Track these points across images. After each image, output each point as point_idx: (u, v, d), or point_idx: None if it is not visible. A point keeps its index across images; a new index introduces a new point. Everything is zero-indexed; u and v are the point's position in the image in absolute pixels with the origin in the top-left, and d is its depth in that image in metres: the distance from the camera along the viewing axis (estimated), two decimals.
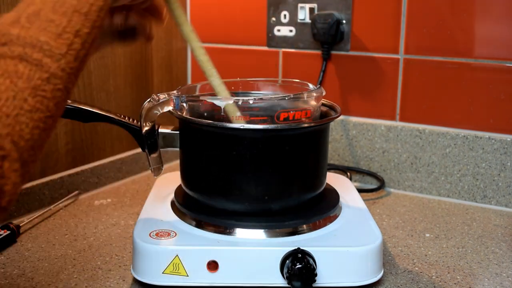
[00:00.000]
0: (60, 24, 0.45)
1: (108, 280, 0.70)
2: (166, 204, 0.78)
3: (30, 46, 0.42)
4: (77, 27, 0.45)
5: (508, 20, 0.93)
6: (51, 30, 0.44)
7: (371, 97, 1.07)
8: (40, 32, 0.43)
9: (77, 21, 0.45)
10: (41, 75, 0.42)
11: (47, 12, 0.45)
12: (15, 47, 0.42)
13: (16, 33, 0.43)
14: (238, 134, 0.69)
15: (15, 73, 0.41)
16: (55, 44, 0.44)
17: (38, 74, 0.42)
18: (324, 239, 0.69)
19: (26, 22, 0.44)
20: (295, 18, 1.11)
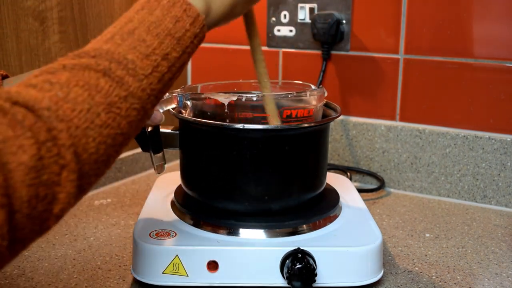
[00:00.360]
0: (151, 45, 0.46)
1: (108, 280, 0.70)
2: (166, 204, 0.78)
3: (116, 62, 0.44)
4: (167, 50, 0.46)
5: (508, 20, 0.93)
6: (141, 50, 0.45)
7: (371, 97, 1.07)
8: (129, 50, 0.45)
9: (168, 45, 0.47)
10: (119, 92, 0.43)
11: (142, 31, 0.46)
12: (102, 61, 0.43)
13: (107, 48, 0.44)
14: (238, 134, 0.69)
15: (95, 87, 0.42)
16: (141, 64, 0.45)
17: (117, 91, 0.43)
18: (324, 239, 0.69)
19: (119, 39, 0.45)
20: (295, 18, 1.11)
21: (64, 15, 0.94)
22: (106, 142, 0.42)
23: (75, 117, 0.40)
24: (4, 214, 0.35)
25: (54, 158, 0.38)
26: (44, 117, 0.38)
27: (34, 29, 0.89)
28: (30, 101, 0.39)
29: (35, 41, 0.89)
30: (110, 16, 1.04)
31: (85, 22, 0.98)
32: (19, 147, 0.36)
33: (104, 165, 0.43)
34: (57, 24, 0.93)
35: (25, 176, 0.36)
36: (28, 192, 0.36)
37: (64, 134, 0.39)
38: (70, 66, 0.43)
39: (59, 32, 0.93)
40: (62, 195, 0.39)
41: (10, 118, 0.37)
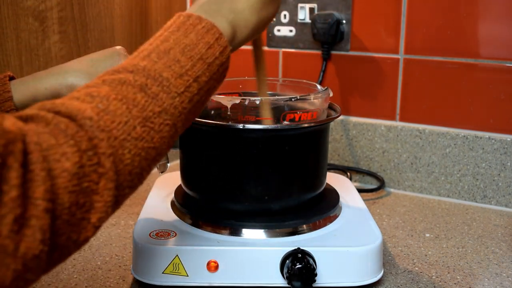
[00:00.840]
0: (185, 66, 0.48)
1: (108, 280, 0.70)
2: (166, 204, 0.78)
3: (152, 78, 0.46)
4: (198, 73, 0.49)
5: (508, 20, 0.93)
6: (175, 69, 0.47)
7: (371, 97, 1.07)
8: (165, 68, 0.47)
9: (199, 68, 0.49)
10: (154, 108, 0.45)
11: (177, 52, 0.48)
12: (139, 77, 0.45)
13: (143, 65, 0.46)
14: (238, 134, 0.69)
15: (133, 101, 0.44)
16: (175, 82, 0.47)
17: (152, 107, 0.44)
18: (324, 239, 0.69)
19: (155, 57, 0.47)
20: (295, 18, 1.11)
21: (64, 15, 0.94)
22: (141, 155, 0.43)
23: (114, 128, 0.41)
24: (48, 219, 0.36)
25: (94, 167, 0.39)
26: (86, 127, 0.40)
27: (34, 29, 0.89)
28: (74, 111, 0.40)
29: (35, 41, 0.89)
30: (110, 16, 1.04)
31: (85, 22, 0.98)
32: (63, 154, 0.37)
33: (137, 178, 0.44)
34: (57, 24, 0.93)
35: (67, 183, 0.37)
36: (70, 199, 0.37)
37: (104, 143, 0.40)
38: (109, 80, 0.45)
39: (59, 32, 0.93)
40: (99, 204, 0.40)
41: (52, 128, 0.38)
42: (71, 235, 0.39)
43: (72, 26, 0.96)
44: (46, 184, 0.36)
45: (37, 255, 0.35)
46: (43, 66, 0.91)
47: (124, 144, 0.42)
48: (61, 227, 0.37)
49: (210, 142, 0.70)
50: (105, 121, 0.41)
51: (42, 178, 0.36)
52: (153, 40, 0.50)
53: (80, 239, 0.40)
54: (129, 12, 1.09)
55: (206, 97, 0.51)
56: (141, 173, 0.44)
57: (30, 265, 0.35)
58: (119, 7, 1.06)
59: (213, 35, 0.50)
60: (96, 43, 1.01)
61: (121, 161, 0.41)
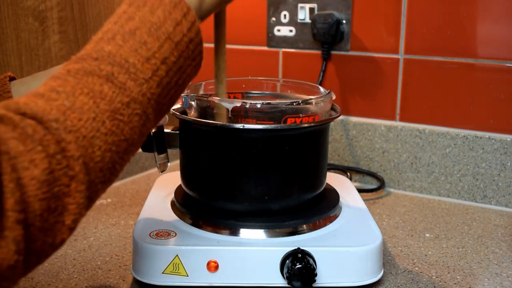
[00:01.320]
0: (151, 48, 0.45)
1: (108, 280, 0.70)
2: (166, 204, 0.78)
3: (118, 65, 0.43)
4: (166, 54, 0.46)
5: (508, 20, 0.93)
6: (142, 53, 0.45)
7: (371, 97, 1.07)
8: (131, 52, 0.44)
9: (167, 48, 0.46)
10: (122, 99, 0.43)
11: (143, 32, 0.46)
12: (104, 65, 0.43)
13: (108, 50, 0.44)
14: (238, 134, 0.69)
15: (100, 94, 0.42)
16: (141, 68, 0.44)
17: (120, 98, 0.43)
18: (324, 239, 0.69)
19: (120, 40, 0.45)
20: (295, 18, 1.11)
21: (64, 15, 0.94)
22: (111, 150, 0.42)
23: (82, 126, 0.40)
24: (21, 229, 0.35)
25: (64, 170, 0.38)
26: (53, 129, 0.38)
27: (34, 29, 0.89)
28: (39, 112, 0.39)
29: (35, 41, 0.89)
30: (110, 16, 1.04)
31: (85, 22, 0.98)
32: (31, 161, 0.36)
33: (110, 173, 0.43)
34: (57, 24, 0.93)
35: (37, 191, 0.36)
36: (41, 206, 0.37)
37: (72, 145, 0.39)
38: (74, 71, 0.43)
39: (59, 32, 0.93)
40: (72, 206, 0.39)
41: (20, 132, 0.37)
42: (46, 239, 0.38)
43: (72, 26, 0.96)
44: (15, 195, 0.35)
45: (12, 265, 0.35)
46: (43, 66, 0.91)
47: (93, 141, 0.40)
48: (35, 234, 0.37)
49: (210, 142, 0.70)
50: (72, 120, 0.40)
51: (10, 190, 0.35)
52: (117, 18, 0.47)
53: (56, 242, 0.39)
54: None
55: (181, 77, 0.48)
56: (114, 167, 0.43)
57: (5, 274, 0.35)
58: (119, 7, 1.06)
59: (181, 10, 0.47)
60: None
61: (92, 160, 0.40)
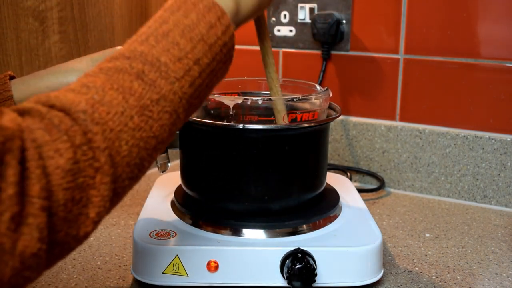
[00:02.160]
0: (184, 48, 0.46)
1: (108, 280, 0.70)
2: (166, 204, 0.78)
3: (149, 64, 0.44)
4: (199, 55, 0.47)
5: (508, 20, 0.93)
6: (174, 53, 0.45)
7: (371, 97, 1.07)
8: (163, 52, 0.45)
9: (200, 50, 0.47)
10: (152, 95, 0.43)
11: (176, 34, 0.46)
12: (136, 63, 0.44)
13: (141, 50, 0.45)
14: (238, 134, 0.69)
15: (129, 90, 0.42)
16: (173, 67, 0.45)
17: (149, 95, 0.43)
18: (324, 239, 0.69)
19: (153, 41, 0.46)
20: (295, 18, 1.11)
21: (64, 15, 0.94)
22: (139, 145, 0.42)
23: (110, 119, 0.40)
24: (45, 217, 0.36)
25: (89, 161, 0.38)
26: (80, 120, 0.39)
27: (34, 29, 0.89)
28: (67, 104, 0.39)
29: (35, 41, 0.89)
30: (110, 16, 1.04)
31: (85, 22, 0.98)
32: (56, 151, 0.37)
33: (138, 168, 0.43)
34: (57, 24, 0.93)
35: (61, 180, 0.37)
36: (65, 196, 0.37)
37: (99, 137, 0.39)
38: (106, 69, 0.44)
39: (59, 32, 0.93)
40: (96, 198, 0.39)
41: (46, 123, 0.38)
42: (70, 231, 0.38)
43: (72, 26, 0.96)
44: (42, 182, 0.35)
45: (35, 253, 0.35)
46: (43, 66, 0.91)
47: (120, 135, 0.41)
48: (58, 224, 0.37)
49: (210, 142, 0.70)
50: (100, 113, 0.40)
51: (37, 176, 0.35)
52: (152, 22, 0.48)
53: (80, 234, 0.39)
54: (129, 12, 1.09)
55: (212, 80, 0.49)
56: (142, 163, 0.43)
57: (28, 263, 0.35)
58: (119, 7, 1.06)
59: (215, 13, 0.48)
60: (96, 43, 1.01)
61: (118, 153, 0.41)
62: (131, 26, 1.10)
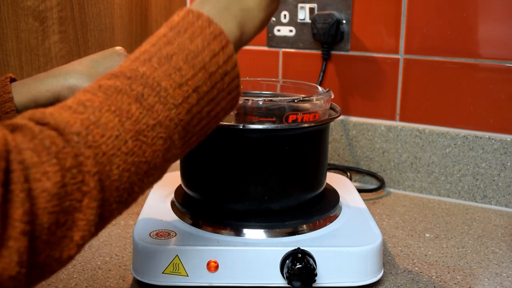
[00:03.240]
0: (185, 75, 0.45)
1: (108, 280, 0.70)
2: (166, 204, 0.78)
3: (149, 87, 0.44)
4: (199, 83, 0.46)
5: (508, 20, 0.93)
6: (175, 78, 0.45)
7: (371, 97, 1.07)
8: (164, 77, 0.45)
9: (200, 78, 0.46)
10: (148, 120, 0.43)
11: (179, 59, 0.46)
12: (136, 85, 0.43)
13: (142, 71, 0.44)
14: (238, 134, 0.69)
15: (126, 113, 0.42)
16: (173, 93, 0.44)
17: (146, 119, 0.43)
18: (324, 239, 0.69)
19: (156, 63, 0.45)
20: (295, 18, 1.11)
21: (64, 15, 0.94)
22: (130, 170, 0.42)
23: (103, 143, 0.40)
24: (26, 241, 0.35)
25: (78, 185, 0.38)
26: (73, 142, 0.38)
27: (34, 29, 0.89)
28: (62, 123, 0.39)
29: (35, 41, 0.89)
30: (110, 16, 1.04)
31: (85, 22, 0.98)
32: (43, 173, 0.36)
33: (127, 193, 0.42)
34: (57, 24, 0.93)
35: (47, 203, 0.36)
36: (49, 219, 0.36)
37: (90, 161, 0.39)
38: (106, 87, 0.43)
39: (59, 32, 0.93)
40: (82, 222, 0.38)
41: (36, 143, 0.37)
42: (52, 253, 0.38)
43: (72, 26, 0.96)
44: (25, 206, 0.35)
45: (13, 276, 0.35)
46: (43, 66, 0.91)
47: (112, 159, 0.40)
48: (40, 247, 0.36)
49: (210, 142, 0.70)
50: (94, 136, 0.40)
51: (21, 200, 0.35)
52: (156, 40, 0.47)
53: (63, 257, 0.38)
54: (129, 12, 1.09)
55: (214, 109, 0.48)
56: (131, 188, 0.42)
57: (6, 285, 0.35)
58: (119, 7, 1.06)
59: (219, 42, 0.48)
60: (96, 43, 1.01)
61: (108, 177, 0.40)
62: (131, 26, 1.10)
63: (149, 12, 1.15)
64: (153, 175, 0.44)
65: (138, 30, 1.12)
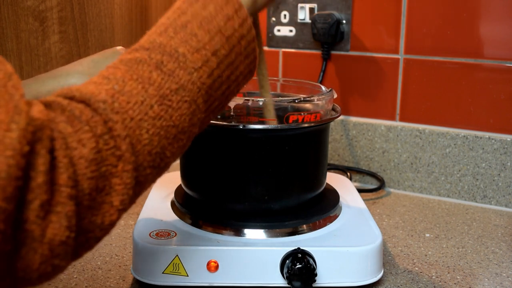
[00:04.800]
0: (202, 40, 0.47)
1: (108, 280, 0.70)
2: (166, 204, 0.78)
3: (168, 55, 0.45)
4: (217, 47, 0.47)
5: (508, 20, 0.93)
6: (192, 44, 0.46)
7: (371, 97, 1.07)
8: (181, 43, 0.46)
9: (217, 41, 0.47)
10: (171, 85, 0.44)
11: (194, 25, 0.47)
12: (154, 54, 0.45)
13: (160, 41, 0.46)
14: (238, 134, 0.69)
15: (148, 80, 0.43)
16: (191, 58, 0.46)
17: (168, 84, 0.44)
18: (324, 239, 0.69)
19: (172, 32, 0.47)
20: (295, 18, 1.11)
21: (64, 15, 0.94)
22: (159, 134, 0.43)
23: (130, 109, 0.41)
24: (73, 205, 0.36)
25: (112, 150, 0.39)
26: (100, 110, 0.40)
27: (34, 29, 0.89)
28: (87, 95, 0.40)
29: (35, 41, 0.89)
30: (110, 16, 1.04)
31: (85, 22, 0.98)
32: (79, 141, 0.38)
33: (159, 158, 0.43)
34: (57, 24, 0.93)
35: (86, 169, 0.37)
36: (89, 185, 0.38)
37: (119, 125, 0.40)
38: (126, 60, 0.45)
39: (59, 32, 0.93)
40: (119, 186, 0.40)
41: (68, 115, 0.38)
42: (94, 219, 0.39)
43: (72, 26, 0.96)
44: (69, 171, 0.36)
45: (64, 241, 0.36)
46: (43, 66, 0.91)
47: (141, 124, 0.41)
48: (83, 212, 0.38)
49: (210, 142, 0.70)
50: (120, 103, 0.41)
51: (64, 165, 0.36)
52: (171, 13, 0.49)
53: (105, 223, 0.40)
54: (129, 12, 1.09)
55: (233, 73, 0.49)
56: (163, 152, 0.44)
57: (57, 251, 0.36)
58: (119, 7, 1.06)
59: (232, 6, 0.49)
60: (96, 43, 1.01)
61: (139, 142, 0.41)
62: (131, 26, 1.10)
63: (149, 12, 1.15)
64: (182, 139, 0.46)
65: (138, 30, 1.12)
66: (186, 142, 0.46)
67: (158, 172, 0.45)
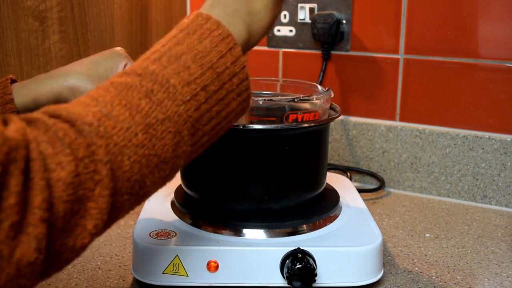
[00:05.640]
0: (193, 74, 0.47)
1: (108, 280, 0.70)
2: (166, 204, 0.78)
3: (159, 84, 0.45)
4: (207, 82, 0.48)
5: (508, 20, 0.93)
6: (184, 76, 0.47)
7: (371, 97, 1.07)
8: (173, 74, 0.46)
9: (208, 77, 0.48)
10: (157, 115, 0.44)
11: (188, 58, 0.48)
12: (146, 82, 0.45)
13: (152, 69, 0.46)
14: (238, 134, 0.69)
15: (137, 107, 0.44)
16: (181, 90, 0.46)
17: (155, 114, 0.44)
18: (324, 239, 0.69)
19: (166, 61, 0.47)
20: (295, 18, 1.11)
21: (64, 15, 0.94)
22: (141, 162, 0.43)
23: (115, 134, 0.41)
24: (44, 228, 0.36)
25: (91, 174, 0.39)
26: (85, 132, 0.40)
27: (34, 29, 0.89)
28: (74, 115, 0.40)
29: (35, 41, 0.89)
30: (110, 16, 1.04)
31: (85, 22, 0.98)
32: (58, 163, 0.37)
33: (139, 185, 0.44)
34: (57, 24, 0.93)
35: (62, 192, 0.37)
36: (64, 208, 0.38)
37: (102, 150, 0.40)
38: (117, 83, 0.45)
39: (59, 32, 0.93)
40: (94, 210, 0.40)
41: (50, 136, 0.38)
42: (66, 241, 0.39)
43: (72, 26, 0.96)
44: (44, 194, 0.36)
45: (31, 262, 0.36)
46: (43, 66, 0.91)
47: (123, 150, 0.42)
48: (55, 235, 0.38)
49: None
50: (106, 127, 0.41)
51: (40, 187, 0.36)
52: (167, 41, 0.49)
53: (77, 246, 0.39)
54: (129, 12, 1.09)
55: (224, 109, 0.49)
56: (143, 180, 0.44)
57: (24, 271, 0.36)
58: (119, 7, 1.06)
59: (227, 44, 0.49)
60: (96, 43, 1.01)
61: (120, 168, 0.41)
62: (131, 26, 1.10)
63: (149, 12, 1.15)
64: (164, 170, 0.46)
65: (138, 30, 1.12)
66: (169, 173, 0.47)
67: (136, 200, 0.45)
